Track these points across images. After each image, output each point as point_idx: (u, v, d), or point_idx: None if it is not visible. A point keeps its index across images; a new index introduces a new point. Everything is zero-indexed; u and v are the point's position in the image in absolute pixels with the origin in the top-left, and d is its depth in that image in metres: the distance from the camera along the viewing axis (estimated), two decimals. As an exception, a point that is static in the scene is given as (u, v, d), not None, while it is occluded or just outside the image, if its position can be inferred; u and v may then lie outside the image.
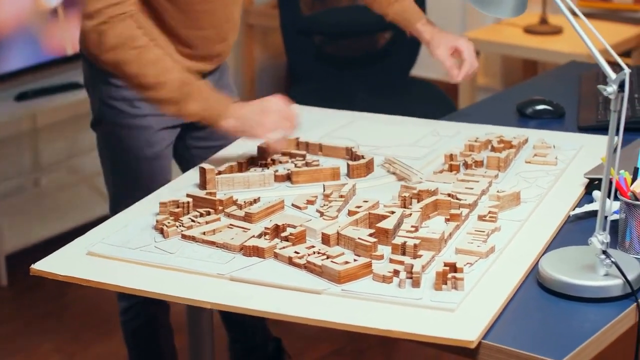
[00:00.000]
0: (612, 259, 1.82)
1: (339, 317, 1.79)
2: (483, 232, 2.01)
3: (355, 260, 1.90)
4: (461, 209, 2.09)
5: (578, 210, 2.13)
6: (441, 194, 2.13)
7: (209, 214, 2.13)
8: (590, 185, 2.23)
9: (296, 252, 1.95)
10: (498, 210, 2.09)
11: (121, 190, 2.56)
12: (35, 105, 3.91)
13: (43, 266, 2.01)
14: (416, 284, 1.84)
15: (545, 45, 4.42)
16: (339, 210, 2.12)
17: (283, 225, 2.04)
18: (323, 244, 2.00)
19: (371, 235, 1.98)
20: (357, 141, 2.48)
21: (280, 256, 1.96)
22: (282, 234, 2.02)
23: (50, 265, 2.01)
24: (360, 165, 2.31)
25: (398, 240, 1.94)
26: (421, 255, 1.91)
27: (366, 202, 2.13)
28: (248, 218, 2.11)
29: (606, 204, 1.83)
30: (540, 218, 2.10)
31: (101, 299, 3.66)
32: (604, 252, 1.82)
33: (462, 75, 2.62)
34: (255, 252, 1.98)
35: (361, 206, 2.11)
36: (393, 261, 1.90)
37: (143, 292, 1.92)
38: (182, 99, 2.30)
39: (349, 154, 2.39)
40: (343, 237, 1.99)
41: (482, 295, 1.82)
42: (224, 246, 2.01)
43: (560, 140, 2.46)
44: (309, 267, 1.92)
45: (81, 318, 3.62)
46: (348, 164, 2.32)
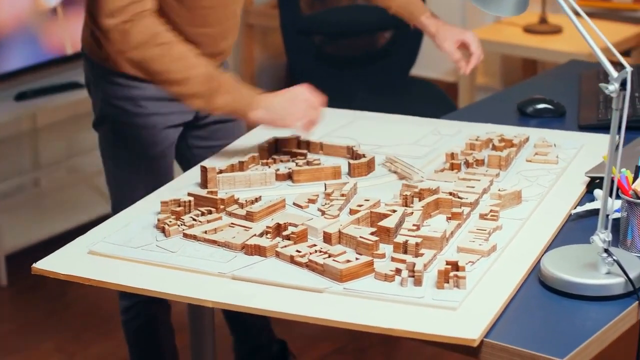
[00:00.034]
0: (614, 257, 1.81)
1: (341, 315, 1.78)
2: (484, 230, 2.00)
3: (357, 258, 1.90)
4: (462, 207, 2.08)
5: (579, 209, 2.13)
6: (442, 193, 2.13)
7: (210, 212, 2.13)
8: (591, 184, 2.23)
9: (298, 251, 1.95)
10: (499, 208, 2.09)
11: (124, 189, 2.56)
12: (35, 105, 3.90)
13: (44, 265, 2.01)
14: (418, 282, 1.84)
15: (544, 45, 4.43)
16: (341, 209, 2.12)
17: (285, 224, 2.03)
18: (325, 242, 2.00)
19: (373, 233, 1.98)
20: (358, 140, 2.48)
21: (282, 255, 1.96)
22: (284, 233, 2.01)
23: (52, 265, 2.01)
24: (361, 164, 2.31)
25: (400, 239, 1.94)
26: (423, 254, 1.91)
27: (367, 200, 2.12)
28: (249, 217, 2.10)
29: (608, 202, 1.83)
30: (541, 217, 2.10)
31: (101, 299, 3.66)
32: (606, 251, 1.82)
33: (470, 67, 2.67)
34: (257, 250, 1.98)
35: (362, 205, 2.10)
36: (395, 260, 1.90)
37: (144, 290, 1.92)
38: (210, 93, 2.30)
39: (350, 152, 2.39)
40: (345, 235, 1.99)
41: (484, 294, 1.82)
42: (226, 245, 2.01)
43: (561, 139, 2.46)
44: (311, 266, 1.91)
45: (81, 317, 3.62)
46: (349, 163, 2.32)
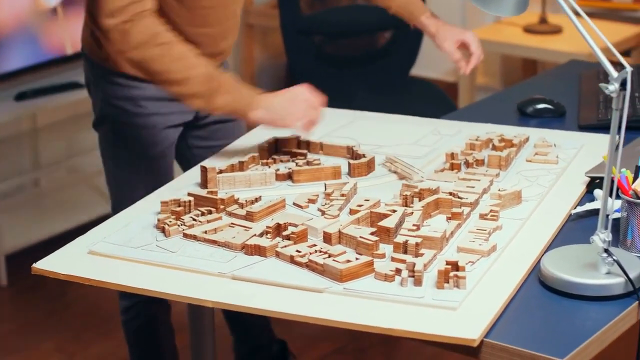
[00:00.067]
0: (614, 257, 1.81)
1: (341, 315, 1.78)
2: (484, 230, 2.00)
3: (357, 258, 1.90)
4: (462, 207, 2.08)
5: (579, 209, 2.13)
6: (442, 193, 2.13)
7: (210, 212, 2.12)
8: (591, 184, 2.23)
9: (298, 251, 1.95)
10: (499, 208, 2.09)
11: (124, 189, 2.56)
12: (35, 105, 3.90)
13: (44, 265, 2.01)
14: (418, 282, 1.84)
15: (544, 45, 4.43)
16: (341, 209, 2.12)
17: (284, 224, 2.03)
18: (325, 242, 2.00)
19: (373, 233, 1.97)
20: (358, 140, 2.48)
21: (282, 255, 1.96)
22: (284, 233, 2.01)
23: (52, 264, 2.01)
24: (361, 164, 2.31)
25: (400, 239, 1.94)
26: (423, 254, 1.91)
27: (367, 200, 2.12)
28: (249, 217, 2.10)
29: (608, 202, 1.83)
30: (541, 217, 2.10)
31: (101, 299, 3.66)
32: (606, 251, 1.82)
33: (470, 67, 2.68)
34: (257, 250, 1.97)
35: (362, 205, 2.10)
36: (395, 260, 1.90)
37: (144, 290, 1.92)
38: (210, 93, 2.31)
39: (350, 152, 2.39)
40: (345, 235, 1.99)
41: (484, 294, 1.82)
42: (226, 245, 2.01)
43: (561, 139, 2.46)
44: (311, 266, 1.91)
45: (81, 317, 3.62)
46: (349, 163, 2.32)
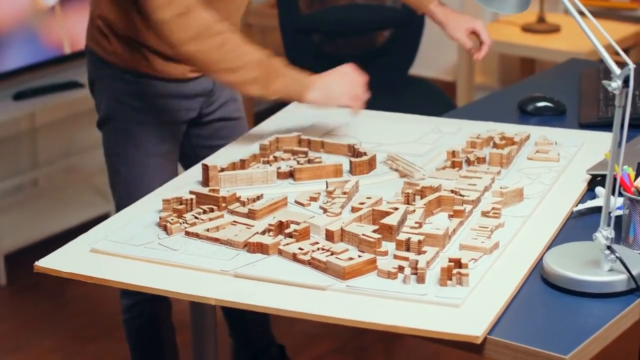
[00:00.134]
0: (617, 254, 1.82)
1: (344, 313, 1.78)
2: (487, 228, 2.01)
3: (359, 256, 1.90)
4: (464, 205, 2.08)
5: (581, 207, 2.13)
6: (444, 191, 2.13)
7: (212, 210, 2.12)
8: (592, 182, 2.23)
9: (300, 249, 1.95)
10: (501, 206, 2.09)
11: (130, 187, 2.55)
12: (34, 104, 3.89)
13: (46, 263, 2.00)
14: (421, 279, 1.84)
15: (543, 44, 4.43)
16: (343, 207, 2.12)
17: (287, 221, 2.03)
18: (327, 240, 2.00)
19: (375, 231, 1.98)
20: (359, 138, 2.48)
21: (285, 252, 1.96)
22: (286, 231, 2.01)
23: (54, 263, 2.01)
24: (362, 162, 2.31)
25: (402, 237, 1.94)
26: (425, 251, 1.91)
27: (369, 198, 2.13)
28: (251, 215, 2.10)
29: (610, 199, 1.83)
30: (543, 214, 2.10)
31: (100, 298, 3.66)
32: (609, 248, 1.82)
33: (482, 55, 2.75)
34: (260, 248, 1.97)
35: (364, 202, 2.10)
36: (397, 257, 1.90)
37: (147, 288, 1.92)
38: (266, 78, 2.35)
39: (351, 150, 2.39)
40: (347, 233, 1.99)
41: (486, 291, 1.82)
42: (228, 243, 2.01)
43: (561, 137, 2.46)
44: (314, 264, 1.91)
45: (80, 316, 3.61)
46: (350, 161, 2.32)
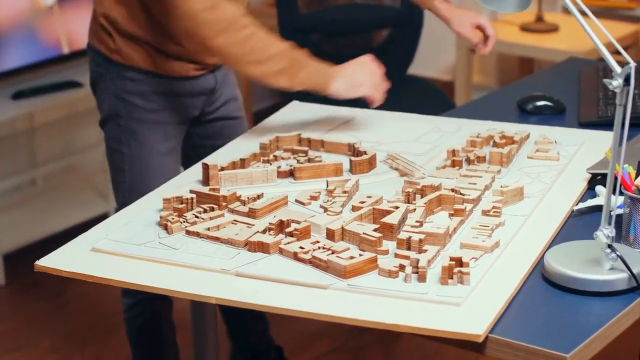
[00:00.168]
0: (618, 253, 1.82)
1: (345, 311, 1.78)
2: (487, 227, 2.01)
3: (360, 255, 1.90)
4: (465, 204, 2.09)
5: (581, 205, 2.13)
6: (445, 189, 2.13)
7: (212, 209, 2.12)
8: (592, 181, 2.23)
9: (301, 248, 1.95)
10: (502, 205, 2.09)
11: (133, 186, 2.54)
12: (32, 104, 3.89)
13: (47, 262, 2.00)
14: (422, 278, 1.84)
15: (541, 43, 4.43)
16: (343, 206, 2.12)
17: (287, 220, 2.03)
18: (328, 239, 2.00)
19: (376, 230, 1.98)
20: (359, 137, 2.48)
21: (285, 251, 1.96)
22: (287, 230, 2.01)
23: (54, 262, 2.00)
24: (362, 161, 2.31)
25: (403, 235, 1.94)
26: (426, 250, 1.91)
27: (370, 197, 2.13)
28: (252, 214, 2.10)
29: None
30: (544, 213, 2.10)
31: (100, 298, 3.66)
32: (610, 246, 1.83)
33: (489, 49, 2.78)
34: (260, 247, 1.97)
35: (365, 201, 2.10)
36: (398, 256, 1.90)
37: (148, 287, 1.92)
38: (292, 68, 2.38)
39: (352, 150, 2.39)
40: (348, 232, 1.99)
41: (488, 290, 1.82)
42: (229, 242, 2.01)
43: (561, 136, 2.46)
44: (314, 262, 1.91)
45: (79, 316, 3.61)
46: (351, 160, 2.32)
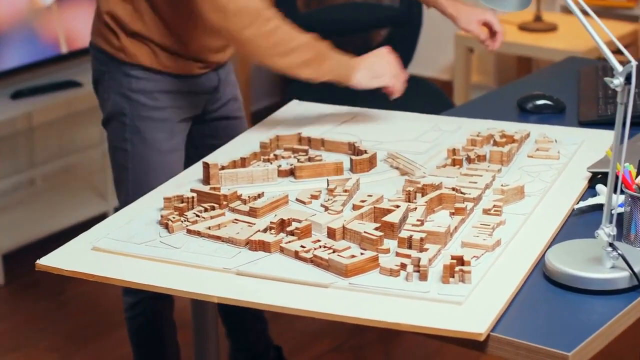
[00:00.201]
0: (619, 251, 1.82)
1: (347, 310, 1.78)
2: (488, 225, 2.01)
3: (361, 254, 1.90)
4: (466, 202, 2.09)
5: (582, 204, 2.13)
6: (445, 188, 2.13)
7: (213, 208, 2.12)
8: (593, 179, 2.23)
9: (302, 246, 1.95)
10: (502, 204, 2.09)
11: (137, 184, 2.53)
12: (31, 104, 3.89)
13: (48, 261, 2.00)
14: (423, 277, 1.84)
15: (539, 43, 4.43)
16: (344, 205, 2.12)
17: (288, 219, 2.03)
18: (328, 238, 2.00)
19: (377, 229, 1.98)
20: (359, 136, 2.48)
21: (287, 250, 1.96)
22: (288, 229, 2.01)
23: (55, 261, 2.00)
24: (363, 160, 2.31)
25: (404, 234, 1.94)
26: (427, 249, 1.91)
27: (370, 196, 2.13)
28: (253, 213, 2.10)
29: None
30: (544, 211, 2.10)
31: (99, 297, 3.65)
32: (611, 245, 1.83)
33: (497, 45, 2.81)
34: (261, 246, 1.97)
35: (366, 200, 2.10)
36: (399, 255, 1.90)
37: (149, 286, 1.92)
38: (317, 59, 2.41)
39: (352, 149, 2.39)
40: (349, 231, 1.99)
41: (489, 288, 1.82)
42: (230, 241, 2.01)
43: (561, 135, 2.47)
44: (316, 261, 1.91)
45: (79, 316, 3.61)
46: (351, 159, 2.32)
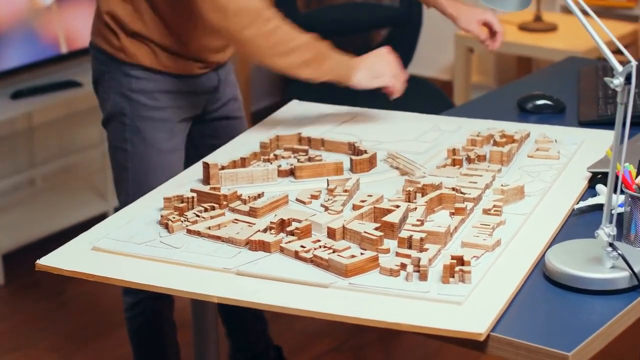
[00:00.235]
0: (619, 251, 1.82)
1: (347, 310, 1.78)
2: (488, 225, 2.01)
3: (361, 254, 1.90)
4: (466, 202, 2.09)
5: (582, 204, 2.13)
6: (445, 188, 2.13)
7: (213, 208, 2.12)
8: (593, 179, 2.23)
9: (302, 246, 1.95)
10: (502, 204, 2.09)
11: (138, 184, 2.53)
12: (31, 104, 3.89)
13: (48, 261, 2.00)
14: (423, 277, 1.84)
15: (539, 43, 4.43)
16: (344, 205, 2.12)
17: (288, 219, 2.03)
18: (328, 238, 2.00)
19: (377, 229, 1.97)
20: (359, 136, 2.48)
21: (287, 250, 1.96)
22: (288, 229, 2.01)
23: (55, 261, 2.00)
24: (363, 160, 2.31)
25: (404, 234, 1.94)
26: (427, 249, 1.91)
27: (370, 196, 2.13)
28: (253, 213, 2.10)
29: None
30: (544, 211, 2.10)
31: (99, 297, 3.65)
32: (611, 245, 1.83)
33: (498, 45, 2.80)
34: (262, 246, 1.97)
35: (366, 200, 2.10)
36: (399, 255, 1.90)
37: (149, 286, 1.92)
38: (317, 59, 2.42)
39: (352, 149, 2.39)
40: (349, 231, 1.99)
41: (489, 288, 1.82)
42: (230, 241, 2.01)
43: (561, 135, 2.46)
44: (316, 261, 1.91)
45: (79, 316, 3.61)
46: (351, 159, 2.32)
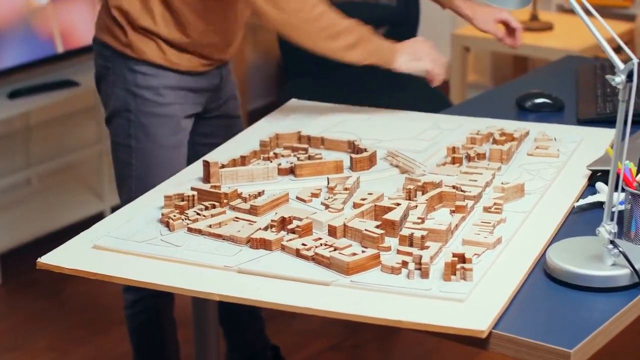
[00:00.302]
0: (620, 249, 1.82)
1: (348, 308, 1.79)
2: (489, 223, 2.01)
3: (362, 251, 1.90)
4: (466, 200, 2.09)
5: (582, 202, 2.14)
6: (445, 186, 2.14)
7: (214, 207, 2.12)
8: (592, 177, 2.24)
9: (303, 244, 1.95)
10: (503, 201, 2.09)
11: (141, 180, 2.54)
12: (28, 103, 3.88)
13: (49, 260, 2.00)
14: (425, 274, 1.84)
15: (536, 42, 4.44)
16: (344, 203, 2.12)
17: (289, 217, 2.03)
18: (329, 236, 2.00)
19: (378, 227, 1.98)
20: (359, 134, 2.49)
21: (288, 248, 1.96)
22: (289, 227, 2.01)
23: (56, 259, 2.00)
24: (363, 158, 2.31)
25: (405, 232, 1.94)
26: (428, 247, 1.91)
27: (371, 194, 2.13)
28: (253, 211, 2.10)
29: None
30: (544, 209, 2.11)
31: (98, 296, 3.65)
32: (612, 242, 1.83)
33: (519, 41, 2.79)
34: (263, 244, 1.97)
35: (366, 198, 2.11)
36: (401, 252, 1.91)
37: (151, 284, 1.92)
38: (361, 41, 2.44)
39: (352, 147, 2.39)
40: (350, 229, 1.99)
41: (490, 286, 1.82)
42: (231, 239, 2.01)
43: (560, 133, 2.47)
44: (317, 259, 1.91)
45: (76, 315, 3.61)
46: (351, 157, 2.32)
